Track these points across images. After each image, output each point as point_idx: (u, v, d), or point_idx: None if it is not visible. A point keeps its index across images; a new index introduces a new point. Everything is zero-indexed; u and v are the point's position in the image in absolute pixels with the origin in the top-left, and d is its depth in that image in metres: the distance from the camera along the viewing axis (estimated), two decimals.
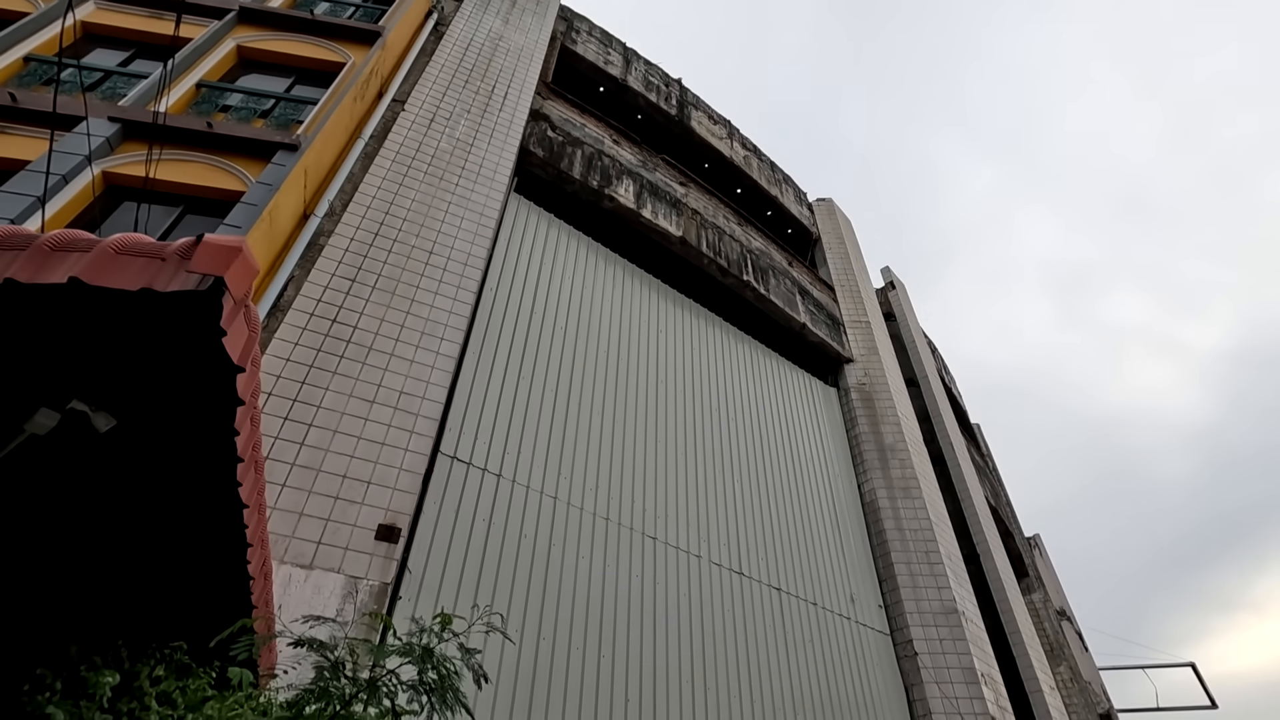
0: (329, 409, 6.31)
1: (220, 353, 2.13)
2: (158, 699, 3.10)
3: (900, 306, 19.19)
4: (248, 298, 2.13)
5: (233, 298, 2.04)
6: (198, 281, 1.98)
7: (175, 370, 2.45)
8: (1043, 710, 12.48)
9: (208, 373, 2.31)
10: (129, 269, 2.01)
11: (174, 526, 3.25)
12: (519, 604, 6.97)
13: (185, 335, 2.21)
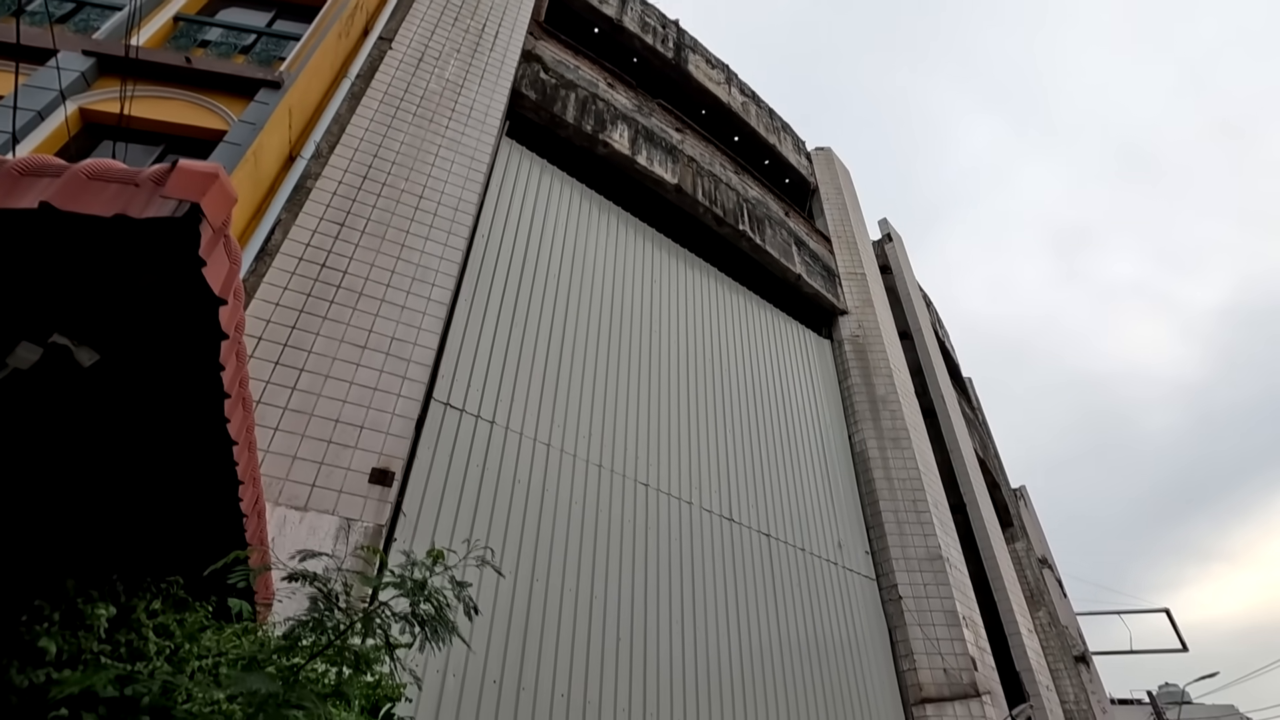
0: (320, 354, 6.28)
1: (201, 284, 2.09)
2: (155, 631, 3.15)
3: (896, 259, 19.08)
4: (226, 227, 2.08)
5: (211, 226, 1.99)
6: (173, 208, 1.92)
7: (157, 303, 2.41)
8: (1020, 651, 12.94)
9: (190, 305, 2.27)
10: (101, 195, 1.96)
11: (165, 463, 3.26)
12: (512, 547, 7.09)
13: (164, 266, 2.16)
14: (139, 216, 1.89)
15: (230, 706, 2.88)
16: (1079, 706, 16.39)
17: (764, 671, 8.73)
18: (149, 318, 2.51)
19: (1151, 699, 27.21)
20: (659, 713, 7.32)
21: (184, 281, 2.14)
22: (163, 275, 2.19)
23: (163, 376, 2.79)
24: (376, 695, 3.73)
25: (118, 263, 2.23)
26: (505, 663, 6.41)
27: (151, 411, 2.99)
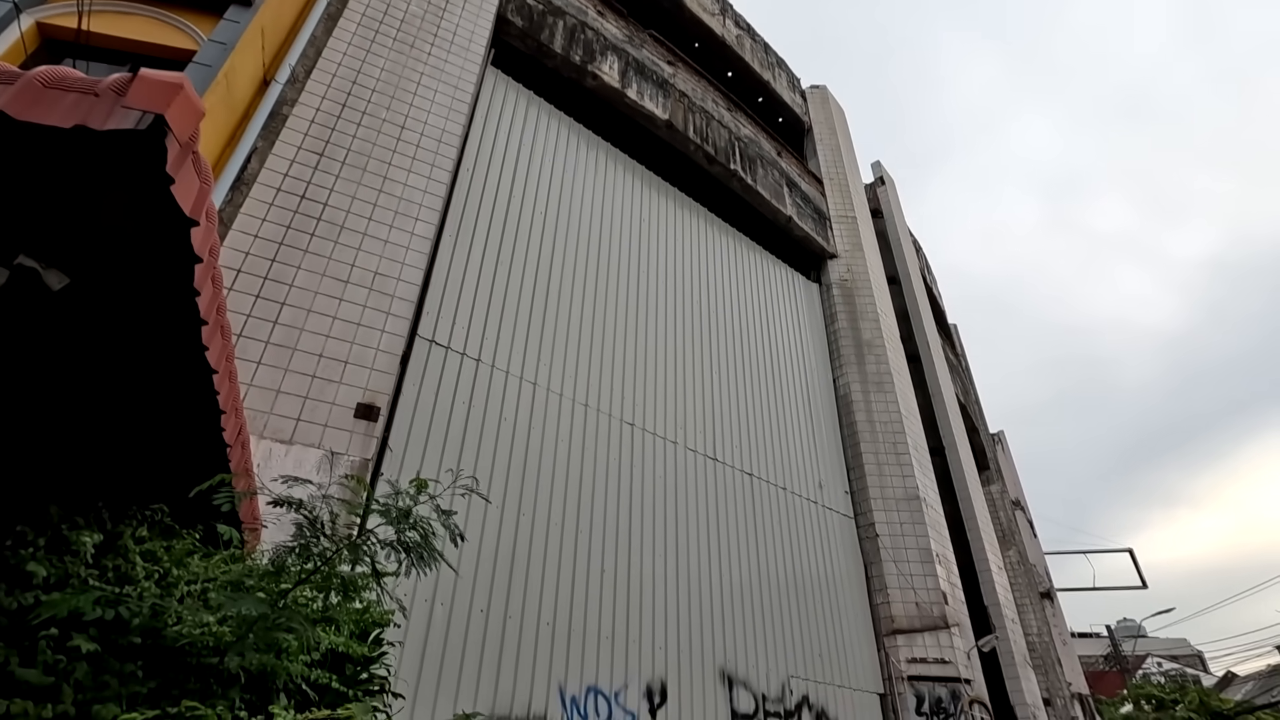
0: (302, 288, 6.17)
1: (170, 204, 2.02)
2: (142, 556, 3.18)
3: (888, 203, 18.88)
4: (194, 142, 1.99)
5: (177, 141, 1.91)
6: (136, 120, 1.83)
7: (126, 224, 2.33)
8: (990, 587, 13.48)
9: (160, 227, 2.20)
10: (59, 104, 1.86)
11: (144, 392, 3.22)
12: (499, 483, 7.19)
13: (130, 183, 2.08)
14: (100, 128, 1.81)
15: (220, 629, 2.93)
16: (1041, 639, 17.21)
17: (744, 604, 9.05)
18: (119, 239, 2.44)
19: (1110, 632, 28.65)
20: (641, 640, 7.60)
21: (152, 200, 2.06)
22: (129, 193, 2.11)
23: (138, 302, 2.72)
24: (365, 621, 3.82)
25: (81, 179, 2.14)
26: (492, 593, 6.59)
27: (128, 338, 2.94)
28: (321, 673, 3.33)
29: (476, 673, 6.13)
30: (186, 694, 2.67)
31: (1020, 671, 12.34)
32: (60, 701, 2.41)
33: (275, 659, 2.94)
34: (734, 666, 8.44)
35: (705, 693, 7.94)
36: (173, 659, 2.85)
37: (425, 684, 5.75)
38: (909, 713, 9.89)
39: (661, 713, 7.39)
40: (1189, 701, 21.38)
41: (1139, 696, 23.91)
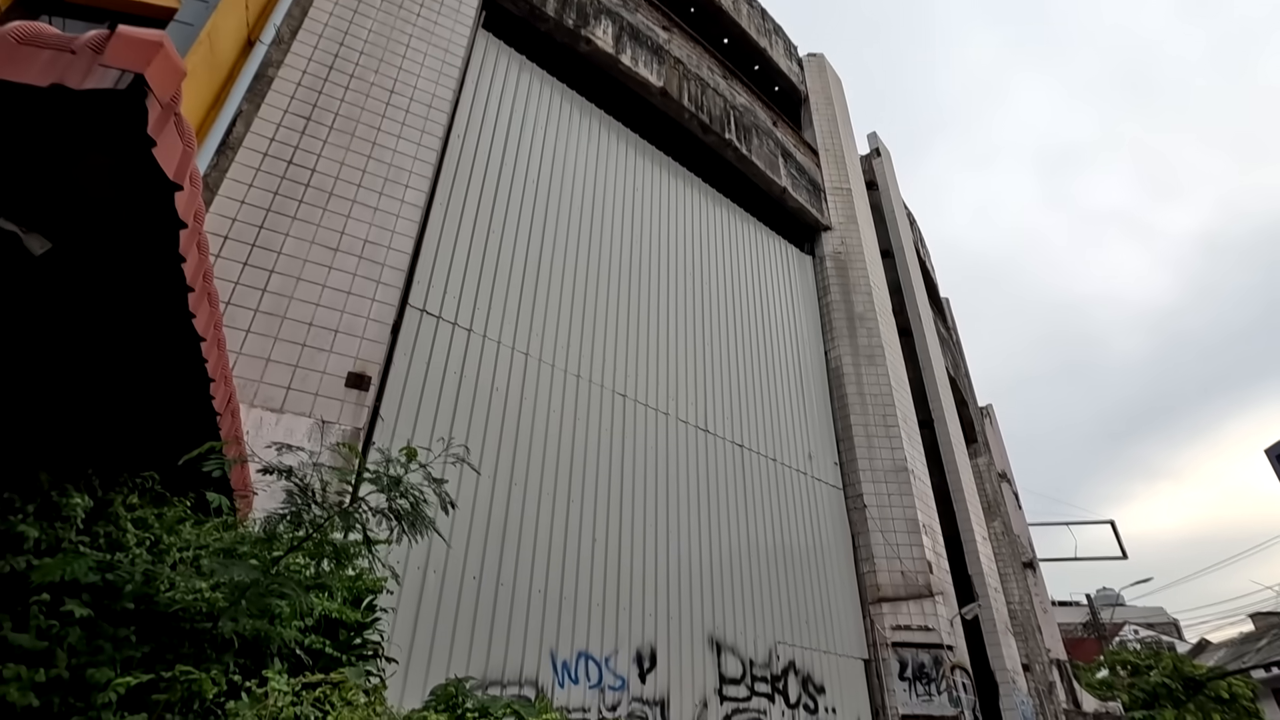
0: (290, 255, 6.10)
1: (153, 167, 1.97)
2: (133, 523, 3.18)
3: (883, 175, 18.74)
4: (176, 103, 1.94)
5: (158, 102, 1.86)
6: (115, 79, 1.78)
7: (108, 188, 2.28)
8: (974, 557, 13.74)
9: (143, 191, 2.16)
10: (34, 62, 1.81)
11: (132, 360, 3.20)
12: (491, 453, 7.21)
13: (111, 146, 2.03)
14: (77, 88, 1.76)
15: (213, 595, 2.95)
16: (1023, 607, 17.61)
17: (733, 572, 9.19)
18: (101, 203, 2.39)
19: (1089, 601, 29.35)
20: (631, 607, 7.72)
21: (134, 164, 2.02)
22: (110, 156, 2.07)
23: (123, 268, 2.68)
24: (358, 587, 3.85)
25: (60, 140, 2.09)
26: (484, 560, 6.66)
27: (114, 305, 2.90)
28: (315, 638, 3.37)
29: (469, 638, 6.22)
30: (181, 659, 2.70)
31: (1001, 639, 12.64)
32: (54, 666, 2.43)
33: (269, 625, 2.97)
34: (722, 633, 8.60)
35: (694, 658, 8.10)
36: (166, 624, 2.87)
37: (418, 649, 5.84)
38: (892, 678, 10.14)
39: (651, 677, 7.55)
40: (1163, 667, 22.01)
41: (1115, 662, 24.60)
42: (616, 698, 7.14)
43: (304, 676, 2.43)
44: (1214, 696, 21.06)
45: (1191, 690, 20.97)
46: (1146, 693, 21.19)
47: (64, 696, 2.45)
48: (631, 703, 7.24)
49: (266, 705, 2.19)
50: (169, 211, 2.16)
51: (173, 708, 2.53)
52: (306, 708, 2.35)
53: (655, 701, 7.46)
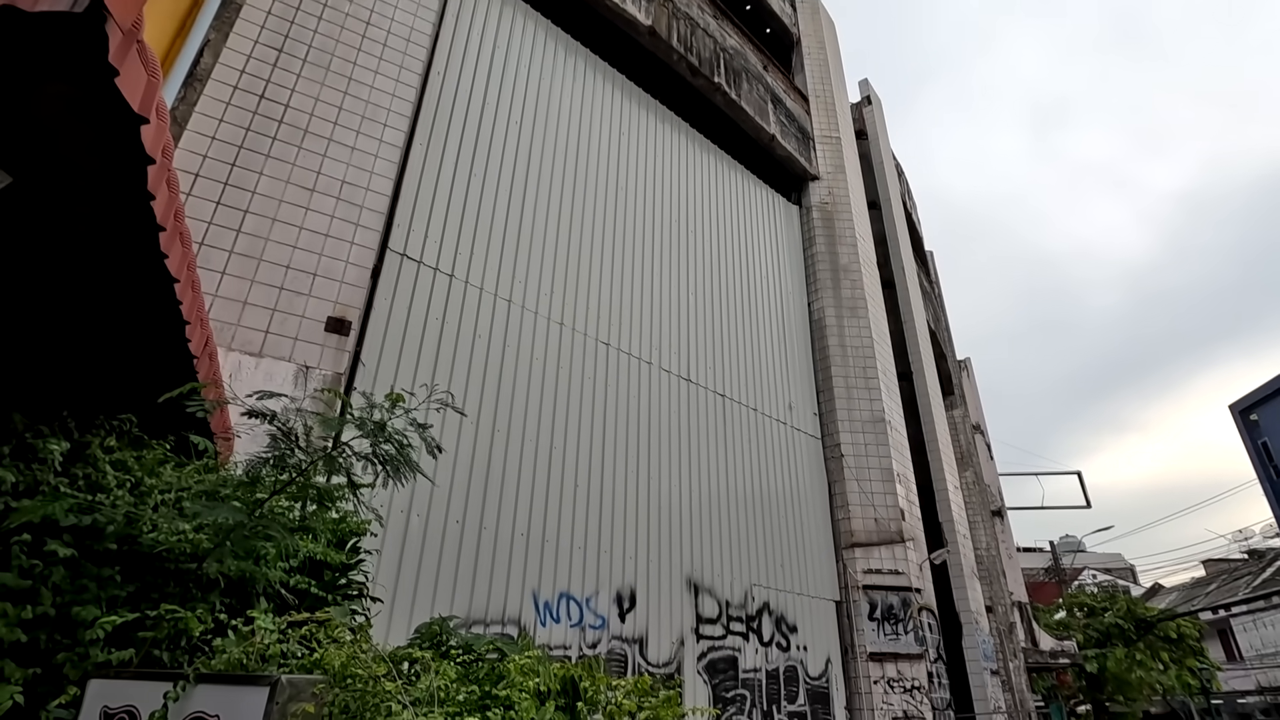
0: (265, 195, 5.92)
1: (117, 98, 1.89)
2: (113, 465, 3.16)
3: (874, 124, 18.46)
4: (138, 30, 1.85)
5: (119, 27, 1.77)
6: (71, 1, 1.68)
7: (70, 121, 2.18)
8: (945, 506, 14.19)
9: (107, 124, 2.07)
10: None
11: (106, 302, 3.12)
12: (474, 399, 7.22)
13: (71, 75, 1.93)
14: (31, 9, 1.66)
15: (197, 536, 2.97)
16: (989, 553, 18.30)
17: (712, 518, 9.41)
18: (63, 137, 2.29)
19: (1052, 547, 30.57)
20: (612, 550, 7.91)
21: (96, 95, 1.93)
22: (70, 85, 1.97)
23: (90, 206, 2.59)
24: (342, 530, 3.90)
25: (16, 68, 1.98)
26: (467, 505, 6.74)
27: (83, 245, 2.81)
28: (300, 578, 3.42)
29: (452, 580, 6.35)
30: (166, 598, 2.73)
31: (967, 582, 13.18)
32: (39, 604, 2.45)
33: (254, 565, 3.00)
34: (700, 575, 8.86)
35: (672, 599, 8.36)
36: (150, 565, 2.89)
37: (403, 590, 5.96)
38: (862, 618, 10.57)
39: (630, 617, 7.80)
40: (1117, 609, 23.15)
41: (1073, 604, 25.83)
42: (597, 636, 7.38)
43: (290, 615, 2.48)
44: (1163, 636, 22.27)
45: (1142, 630, 22.14)
46: (1100, 633, 22.33)
47: (50, 633, 2.48)
48: (611, 641, 7.50)
49: (253, 643, 2.24)
50: (136, 146, 2.08)
51: (160, 644, 2.57)
52: (293, 645, 2.40)
53: (634, 640, 7.73)
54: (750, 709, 8.72)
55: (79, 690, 2.20)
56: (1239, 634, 35.13)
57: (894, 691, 10.11)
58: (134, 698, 1.94)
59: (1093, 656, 21.04)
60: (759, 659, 9.12)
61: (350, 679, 2.17)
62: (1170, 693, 23.45)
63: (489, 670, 2.94)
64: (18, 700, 2.16)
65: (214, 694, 1.84)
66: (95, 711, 1.98)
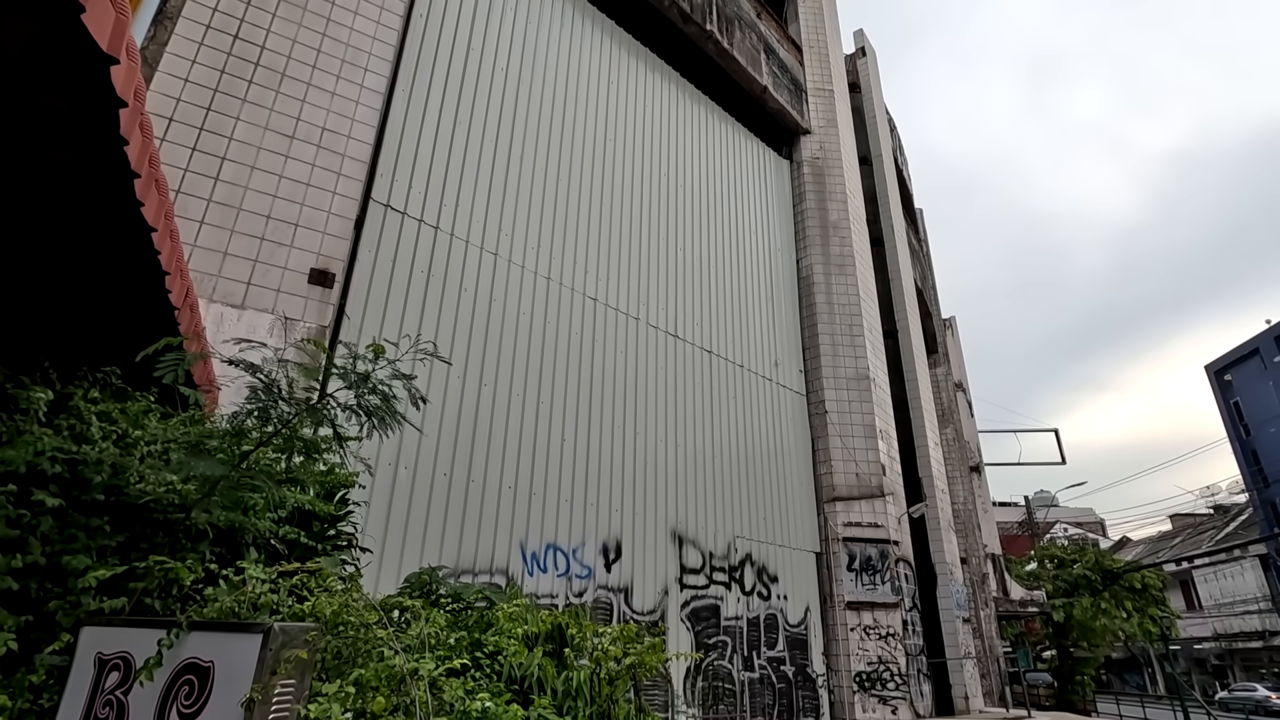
0: (243, 142, 5.75)
1: (84, 36, 1.81)
2: (98, 417, 3.14)
3: (868, 77, 18.11)
4: None
5: None
6: None
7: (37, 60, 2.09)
8: (925, 462, 14.48)
9: (76, 64, 1.99)
10: None
11: (82, 252, 3.05)
12: (460, 353, 7.20)
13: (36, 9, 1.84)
14: None
15: (185, 488, 2.97)
16: (966, 507, 18.80)
17: (697, 472, 9.55)
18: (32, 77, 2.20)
19: (1026, 502, 31.43)
20: (599, 503, 8.03)
21: (63, 31, 1.84)
22: (35, 22, 1.88)
23: (62, 151, 2.51)
24: (330, 482, 3.92)
25: None
26: (455, 458, 6.79)
27: (56, 192, 2.73)
28: (290, 529, 3.45)
29: (441, 531, 6.44)
30: (155, 548, 2.75)
31: (943, 535, 13.56)
32: (29, 553, 2.46)
33: (242, 516, 3.02)
34: (684, 527, 9.05)
35: (657, 550, 8.55)
36: (138, 515, 2.90)
37: (391, 541, 6.04)
38: (841, 569, 10.88)
39: (616, 567, 7.97)
40: (1086, 561, 23.96)
41: (1043, 556, 26.68)
42: (583, 585, 7.56)
43: (280, 565, 2.51)
44: (1128, 587, 23.14)
45: (1108, 581, 22.98)
46: (1068, 583, 23.16)
47: (41, 582, 2.50)
48: (598, 590, 7.68)
49: (245, 592, 2.27)
50: (106, 88, 2.00)
51: (151, 593, 2.60)
52: (284, 595, 2.44)
53: (620, 589, 7.92)
54: (731, 655, 9.02)
55: (72, 637, 2.23)
56: (1200, 585, 36.66)
57: (870, 638, 10.48)
58: (127, 644, 1.97)
59: (1060, 605, 21.87)
60: (740, 607, 9.40)
61: (342, 626, 2.21)
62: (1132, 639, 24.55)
63: (478, 618, 3.00)
64: (11, 647, 2.18)
65: (207, 641, 1.87)
66: (89, 658, 2.01)
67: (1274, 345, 32.86)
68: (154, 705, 1.81)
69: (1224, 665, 35.40)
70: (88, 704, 1.94)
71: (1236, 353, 35.73)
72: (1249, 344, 34.79)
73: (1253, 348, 34.48)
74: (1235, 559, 33.97)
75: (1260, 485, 32.57)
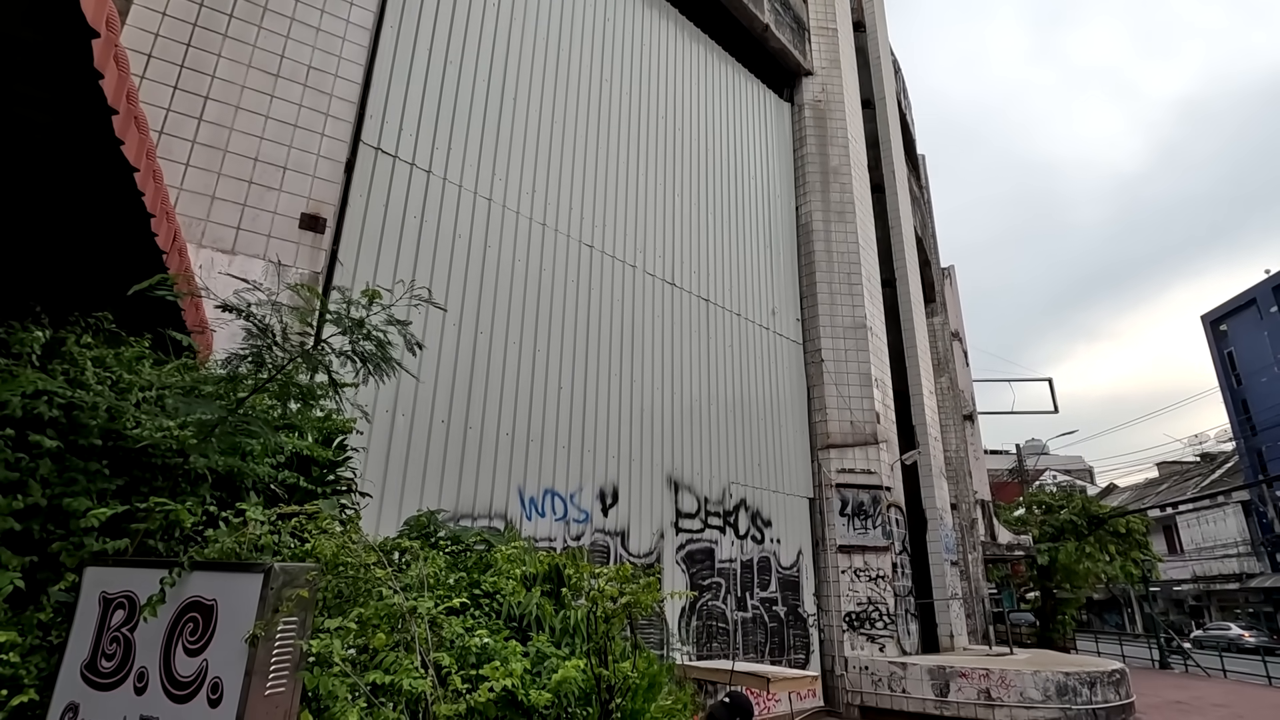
0: (226, 80, 5.56)
1: None
2: (92, 362, 3.12)
3: (873, 14, 17.47)
4: None
5: None
6: None
7: None
8: (919, 410, 14.60)
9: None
10: None
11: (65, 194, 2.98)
12: (455, 300, 7.15)
13: None
14: None
15: (182, 433, 2.98)
16: (958, 454, 19.09)
17: (693, 419, 9.63)
18: None
19: (1017, 450, 31.91)
20: (596, 449, 8.12)
21: None
22: None
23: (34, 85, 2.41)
24: (327, 428, 3.93)
25: None
26: (452, 405, 6.82)
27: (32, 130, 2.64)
28: (289, 474, 3.48)
29: (440, 476, 6.52)
30: (155, 492, 2.76)
31: (935, 482, 13.80)
32: (29, 495, 2.47)
33: (240, 461, 3.04)
34: (680, 473, 9.18)
35: (653, 495, 8.69)
36: (136, 459, 2.92)
37: (391, 486, 6.12)
38: (833, 514, 11.11)
39: (613, 512, 8.12)
40: (1073, 506, 24.51)
41: (1032, 502, 27.28)
42: (581, 529, 7.71)
43: (279, 508, 2.54)
44: (1112, 531, 23.74)
45: (1094, 526, 23.56)
46: (1055, 528, 23.74)
47: (44, 524, 2.53)
48: (595, 534, 7.84)
49: (245, 533, 2.30)
50: (76, 16, 1.91)
51: (154, 535, 2.63)
52: (285, 537, 2.47)
53: (616, 533, 8.08)
54: (725, 595, 9.28)
55: (77, 578, 2.26)
56: (1183, 530, 37.62)
57: (860, 580, 10.78)
58: (131, 583, 2.00)
59: (1045, 550, 22.47)
60: (735, 550, 9.62)
61: (342, 567, 2.25)
62: (1113, 581, 25.32)
63: (477, 559, 3.06)
64: (18, 585, 2.22)
65: (209, 580, 1.90)
66: (94, 596, 2.05)
67: (1271, 296, 32.86)
68: (160, 641, 1.86)
69: (1201, 606, 36.68)
70: (95, 640, 1.98)
71: (1233, 303, 35.75)
72: (1246, 294, 34.78)
73: (1250, 298, 34.49)
74: (1219, 505, 34.78)
75: (1248, 433, 33.07)
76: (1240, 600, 33.94)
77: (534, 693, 2.38)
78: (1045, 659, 11.24)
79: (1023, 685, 8.91)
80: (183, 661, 1.80)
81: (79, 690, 1.94)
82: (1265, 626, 30.55)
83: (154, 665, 1.84)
